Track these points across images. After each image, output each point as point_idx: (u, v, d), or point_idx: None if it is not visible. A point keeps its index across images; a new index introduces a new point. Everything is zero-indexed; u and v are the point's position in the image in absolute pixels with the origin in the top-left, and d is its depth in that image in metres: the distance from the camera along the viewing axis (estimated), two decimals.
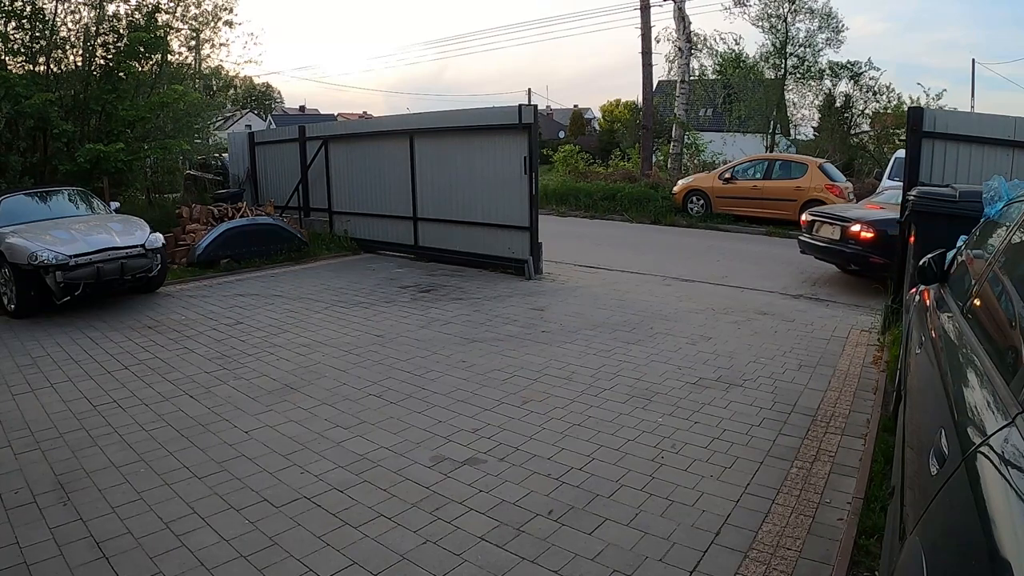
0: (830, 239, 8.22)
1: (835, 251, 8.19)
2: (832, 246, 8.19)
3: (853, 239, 7.86)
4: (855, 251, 7.86)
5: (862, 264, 7.96)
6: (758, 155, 16.70)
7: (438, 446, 3.78)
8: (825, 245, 8.30)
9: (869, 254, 7.72)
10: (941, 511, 1.37)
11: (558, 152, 22.79)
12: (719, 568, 2.66)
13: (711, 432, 3.92)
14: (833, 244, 8.18)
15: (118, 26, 11.19)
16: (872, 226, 7.70)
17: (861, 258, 7.84)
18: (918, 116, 6.49)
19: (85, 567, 2.69)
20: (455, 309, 6.94)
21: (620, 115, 37.32)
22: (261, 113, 53.34)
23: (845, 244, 7.98)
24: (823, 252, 8.44)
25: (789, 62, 21.55)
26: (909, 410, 2.37)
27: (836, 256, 8.31)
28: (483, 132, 8.96)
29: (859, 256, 7.85)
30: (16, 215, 7.48)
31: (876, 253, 7.64)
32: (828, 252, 8.36)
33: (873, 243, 7.65)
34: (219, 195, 11.85)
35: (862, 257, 7.81)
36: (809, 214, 8.88)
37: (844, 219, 8.05)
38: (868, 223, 7.76)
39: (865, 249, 7.76)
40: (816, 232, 8.56)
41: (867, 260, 7.77)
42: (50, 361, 5.39)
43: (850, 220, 7.96)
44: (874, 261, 7.68)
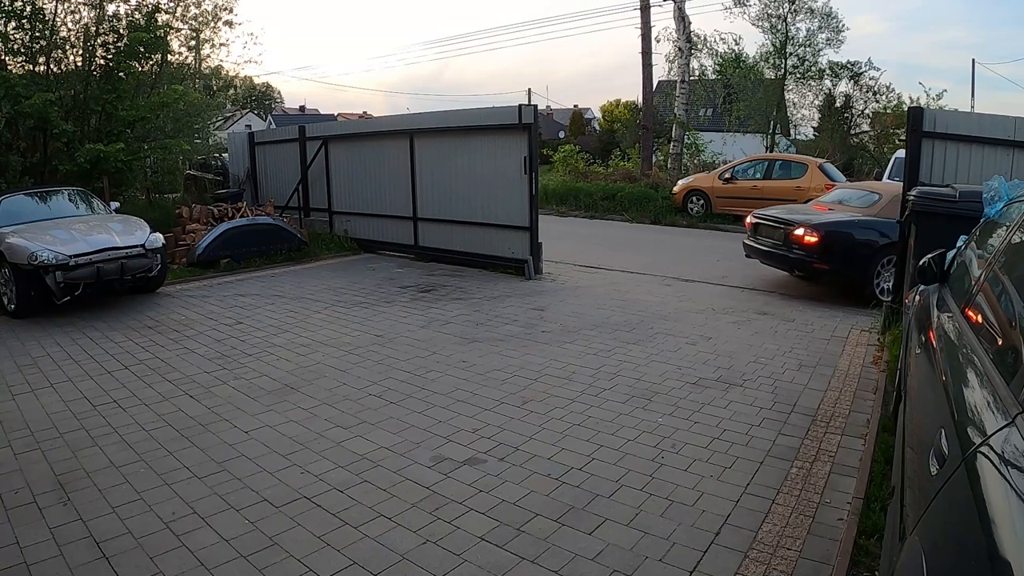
0: (773, 243, 7.77)
1: (779, 256, 7.71)
2: (775, 251, 7.72)
3: (796, 243, 7.37)
4: (799, 256, 7.37)
5: (806, 270, 7.56)
6: (758, 155, 16.70)
7: (438, 446, 3.78)
8: (768, 250, 7.84)
9: (813, 259, 7.28)
10: (941, 511, 1.37)
11: (558, 152, 22.78)
12: (719, 568, 2.66)
13: (711, 432, 3.92)
14: (776, 248, 7.71)
15: (118, 26, 11.20)
16: (816, 229, 7.22)
17: (804, 264, 7.39)
18: (918, 116, 6.48)
19: (85, 567, 2.69)
20: (455, 309, 6.94)
21: (620, 115, 37.29)
22: (261, 113, 53.36)
23: (788, 249, 7.50)
24: (767, 257, 7.97)
25: (789, 62, 21.54)
26: (909, 410, 2.37)
27: (780, 261, 7.81)
28: (483, 132, 8.96)
29: (802, 262, 7.39)
30: (16, 215, 7.48)
31: (820, 258, 7.23)
32: (772, 257, 7.87)
33: (817, 247, 7.20)
34: (219, 195, 11.85)
35: (805, 263, 7.36)
36: (753, 216, 8.37)
37: (787, 222, 7.60)
38: (812, 226, 7.28)
39: (809, 254, 7.28)
40: (760, 235, 8.12)
41: (811, 266, 7.35)
42: (50, 361, 5.39)
43: (793, 223, 7.49)
44: (818, 267, 7.31)
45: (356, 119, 28.96)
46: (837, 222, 7.45)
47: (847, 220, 7.47)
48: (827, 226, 7.29)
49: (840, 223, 7.43)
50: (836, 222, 7.45)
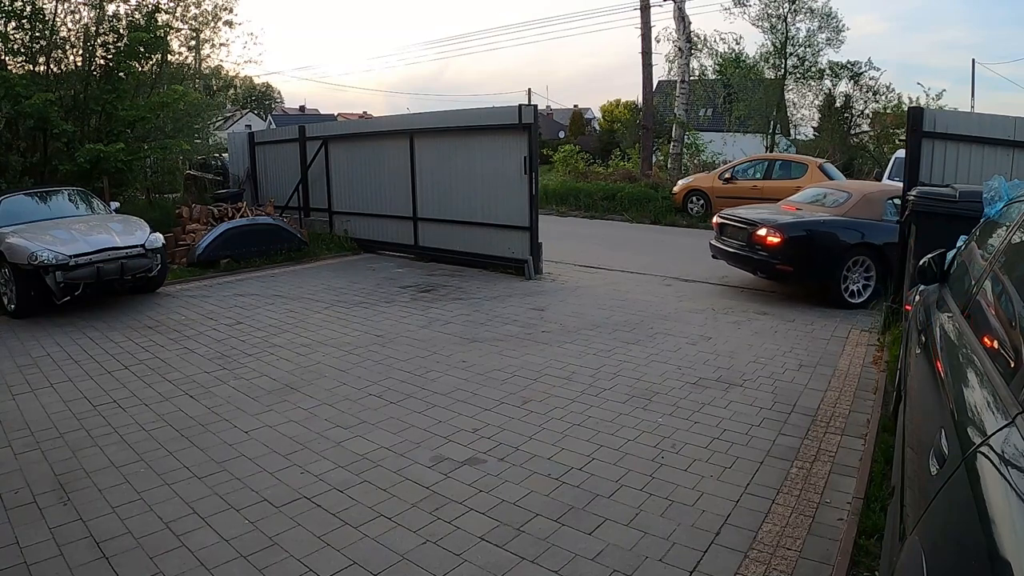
0: (738, 244, 7.55)
1: (742, 257, 7.49)
2: (739, 252, 7.51)
3: (760, 244, 7.16)
4: (762, 258, 7.17)
5: (769, 272, 7.33)
6: (758, 155, 16.70)
7: (438, 446, 3.78)
8: (733, 251, 7.62)
9: (775, 261, 7.06)
10: (941, 511, 1.37)
11: (558, 152, 22.78)
12: (719, 568, 2.66)
13: (711, 432, 3.92)
14: (740, 250, 7.49)
15: (118, 26, 11.20)
16: (779, 230, 7.01)
17: (767, 265, 7.18)
18: (918, 116, 6.48)
19: (85, 567, 2.69)
20: (455, 309, 6.94)
21: (620, 115, 37.30)
22: (261, 113, 53.35)
23: (752, 250, 7.29)
24: (733, 258, 7.73)
25: (789, 62, 21.54)
26: (909, 410, 2.37)
27: (744, 263, 7.59)
28: (483, 132, 8.96)
29: (765, 263, 7.18)
30: (16, 215, 7.48)
31: (784, 260, 7.01)
32: (737, 259, 7.64)
33: (780, 249, 6.99)
34: (219, 195, 11.86)
35: (768, 264, 7.15)
36: (719, 216, 8.18)
37: (751, 222, 7.38)
38: (775, 227, 7.07)
39: (772, 255, 7.07)
40: (725, 236, 7.90)
41: (774, 268, 7.13)
42: (50, 361, 5.39)
43: (756, 223, 7.27)
44: (780, 268, 7.08)
45: (356, 119, 28.96)
46: (801, 222, 7.24)
47: (812, 220, 7.29)
48: (791, 226, 7.09)
49: (804, 223, 7.24)
50: (800, 222, 7.24)
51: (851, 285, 7.05)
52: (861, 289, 7.10)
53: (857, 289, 7.09)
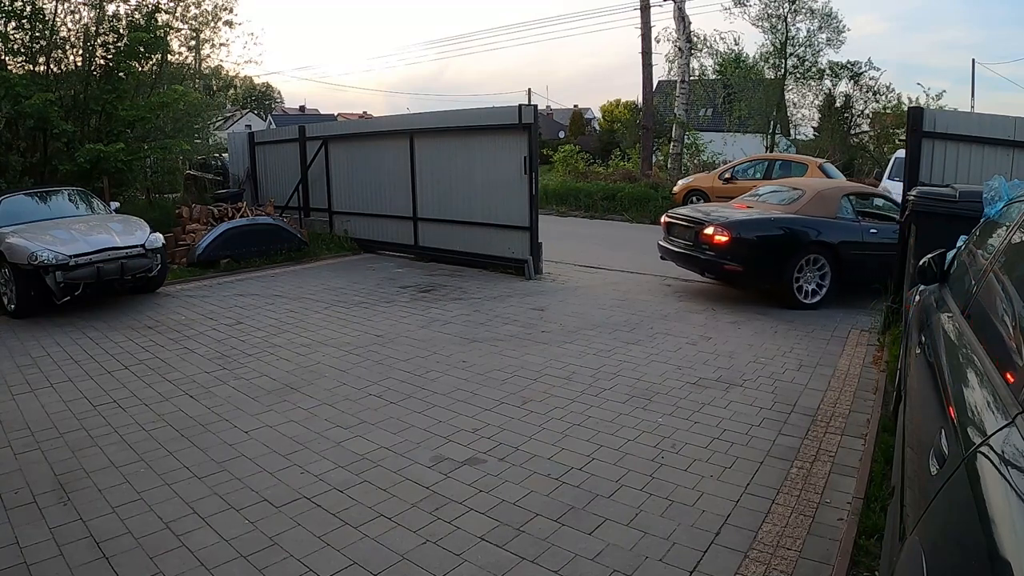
0: (685, 244, 7.29)
1: (690, 258, 7.21)
2: (687, 252, 7.23)
3: (707, 244, 6.89)
4: (709, 258, 6.91)
5: (717, 273, 7.10)
6: (758, 155, 16.72)
7: (438, 446, 3.78)
8: (681, 251, 7.35)
9: (722, 261, 6.82)
10: (941, 511, 1.37)
11: (558, 152, 22.78)
12: (719, 568, 2.66)
13: (711, 432, 3.92)
14: (687, 250, 7.22)
15: (118, 26, 11.20)
16: (727, 228, 6.77)
17: (715, 266, 6.95)
18: (918, 116, 6.48)
19: (85, 567, 2.69)
20: (455, 309, 6.94)
21: (620, 115, 37.31)
22: (261, 113, 53.36)
23: (699, 249, 7.01)
24: (680, 259, 7.45)
25: (789, 62, 21.56)
26: (909, 410, 2.37)
27: (691, 263, 7.31)
28: (483, 132, 8.96)
29: (713, 263, 6.94)
30: (16, 215, 7.49)
31: (732, 259, 6.78)
32: (684, 259, 7.36)
33: (728, 248, 6.74)
34: (219, 195, 11.86)
35: (716, 264, 6.91)
36: (667, 215, 7.93)
37: (697, 220, 7.11)
38: (722, 225, 6.82)
39: (720, 255, 6.82)
40: (673, 236, 7.63)
41: (722, 268, 6.91)
42: (50, 361, 5.39)
43: (703, 222, 7.01)
44: (728, 269, 6.87)
45: (356, 119, 28.96)
46: (750, 220, 7.02)
47: (761, 218, 7.08)
48: (739, 225, 6.85)
49: (753, 221, 7.02)
50: (749, 220, 7.02)
51: (804, 285, 6.89)
52: (815, 289, 6.92)
53: (811, 289, 6.92)
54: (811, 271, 6.90)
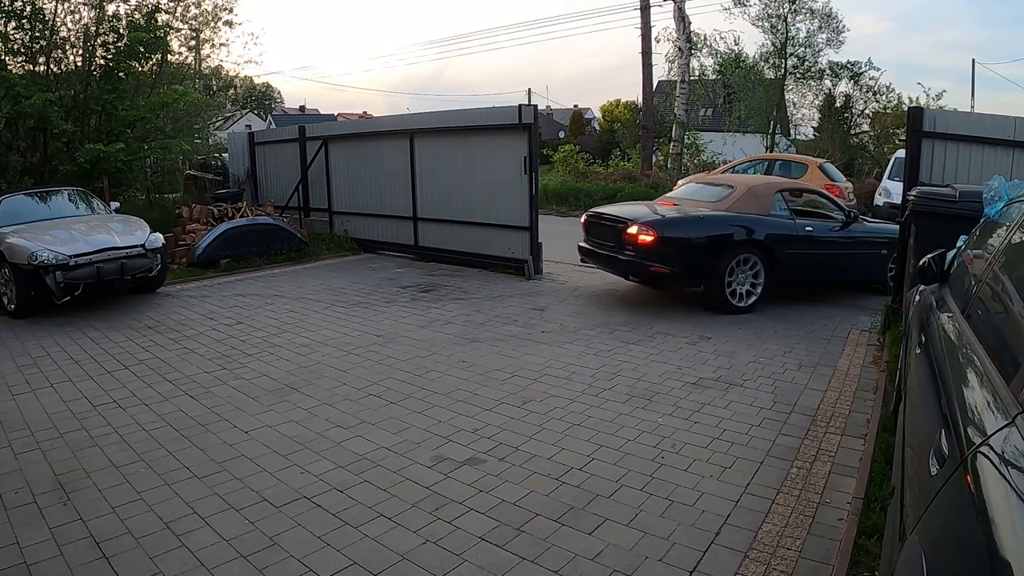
0: (607, 244, 6.86)
1: (611, 259, 6.78)
2: (608, 253, 6.80)
3: (630, 244, 6.42)
4: (631, 259, 6.48)
5: (642, 275, 6.70)
6: (758, 155, 16.70)
7: (438, 446, 3.78)
8: (602, 252, 6.91)
9: (648, 262, 6.38)
10: (941, 511, 1.37)
11: (558, 152, 22.78)
12: (719, 568, 2.66)
13: (711, 432, 3.92)
14: (609, 251, 6.78)
15: (118, 26, 11.20)
16: (651, 227, 6.33)
17: (639, 267, 6.52)
18: (918, 116, 6.49)
19: (85, 567, 2.69)
20: (455, 309, 6.94)
21: (620, 115, 37.30)
22: (261, 113, 53.36)
23: (620, 250, 6.57)
24: (602, 261, 7.01)
25: (789, 62, 21.55)
26: (909, 410, 2.37)
27: (614, 265, 6.89)
28: (483, 132, 8.96)
29: (637, 265, 6.49)
30: (16, 215, 7.49)
31: (657, 260, 6.36)
32: (606, 261, 6.93)
33: (653, 248, 6.31)
34: (219, 195, 11.86)
35: (640, 266, 6.48)
36: (587, 213, 7.45)
37: (620, 219, 6.66)
38: (646, 224, 6.39)
39: (644, 256, 6.37)
40: (593, 236, 7.18)
41: (647, 269, 6.48)
42: (50, 361, 5.39)
43: (627, 220, 6.56)
44: (655, 271, 6.45)
45: (356, 119, 28.96)
46: (677, 219, 6.67)
47: (689, 216, 6.75)
48: (665, 223, 6.46)
49: (681, 220, 6.68)
50: (676, 219, 6.67)
51: (736, 287, 6.59)
52: (749, 290, 6.64)
53: (743, 291, 6.62)
54: (743, 272, 6.59)
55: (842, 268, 7.26)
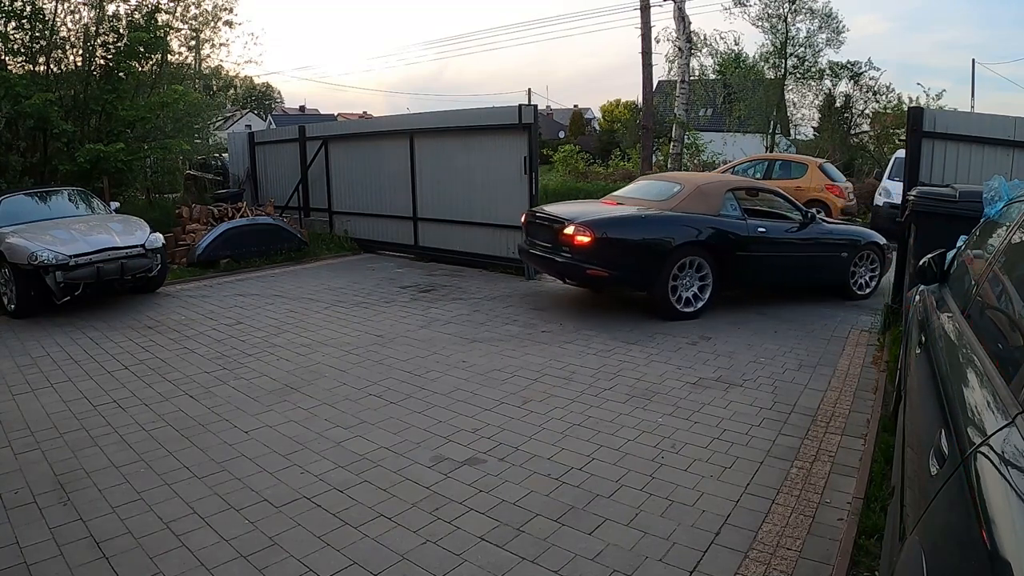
0: (544, 245, 6.52)
1: (548, 260, 6.43)
2: (545, 254, 6.45)
3: (566, 245, 6.08)
4: (567, 260, 6.13)
5: (579, 278, 6.34)
6: (758, 155, 16.71)
7: (438, 446, 3.78)
8: (540, 254, 6.56)
9: (585, 264, 6.04)
10: (941, 511, 1.37)
11: (558, 152, 22.81)
12: (719, 568, 2.66)
13: (711, 432, 3.92)
14: (546, 252, 6.44)
15: (118, 26, 11.21)
16: (589, 228, 5.97)
17: (576, 270, 6.16)
18: (918, 116, 6.49)
19: (85, 567, 2.69)
20: (455, 309, 6.94)
21: (620, 115, 37.32)
22: (261, 113, 53.34)
23: (558, 251, 6.23)
24: (540, 262, 6.66)
25: (789, 62, 21.56)
26: (909, 410, 2.37)
27: (550, 267, 6.53)
28: (483, 132, 8.96)
29: (574, 267, 6.14)
30: (16, 215, 7.49)
31: (596, 263, 6.01)
32: (544, 262, 6.58)
33: (590, 249, 5.96)
34: (219, 195, 11.87)
35: (577, 268, 6.13)
36: (527, 214, 7.06)
37: (557, 219, 6.31)
38: (583, 224, 6.03)
39: (582, 258, 6.03)
40: (531, 236, 6.84)
41: (584, 272, 6.13)
42: (50, 361, 5.39)
43: (564, 220, 6.20)
44: (591, 274, 6.08)
45: (356, 119, 28.96)
46: (617, 218, 6.29)
47: (631, 216, 6.37)
48: (603, 223, 6.09)
49: (621, 219, 6.30)
50: (615, 218, 6.28)
51: (682, 291, 6.28)
52: (696, 295, 6.35)
53: (690, 296, 6.32)
54: (690, 275, 6.28)
55: (799, 271, 6.96)
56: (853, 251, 7.13)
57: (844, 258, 7.09)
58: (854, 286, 7.24)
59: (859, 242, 7.19)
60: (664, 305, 6.24)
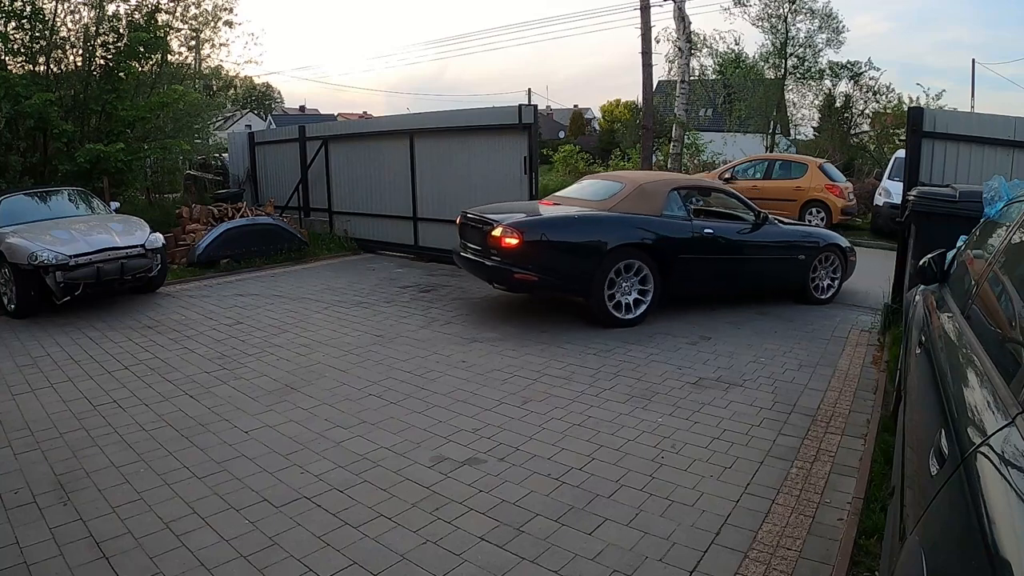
0: (474, 248, 6.22)
1: (478, 264, 6.08)
2: (475, 257, 6.15)
3: (495, 247, 5.79)
4: (496, 264, 5.82)
5: (507, 282, 5.94)
6: (758, 155, 16.72)
7: (438, 446, 3.78)
8: (470, 257, 6.25)
9: (514, 268, 5.70)
10: (941, 511, 1.37)
11: (558, 152, 22.81)
12: (719, 568, 2.66)
13: (711, 432, 3.92)
14: (476, 255, 6.14)
15: (118, 26, 11.20)
16: (517, 229, 5.66)
17: (504, 274, 5.81)
18: (918, 116, 6.49)
19: (85, 567, 2.68)
20: (455, 309, 6.94)
21: (620, 115, 37.34)
22: (261, 113, 53.29)
23: (487, 254, 5.92)
24: (471, 266, 6.30)
25: (789, 62, 21.57)
26: (909, 410, 2.37)
27: (480, 271, 6.15)
28: (483, 132, 8.96)
29: (502, 271, 5.80)
30: (16, 215, 7.48)
31: (524, 267, 5.69)
32: (473, 266, 6.23)
33: (519, 252, 5.66)
34: (219, 195, 11.86)
35: (506, 272, 5.78)
36: (460, 216, 6.63)
37: (487, 220, 5.98)
38: (512, 225, 5.71)
39: (507, 261, 5.72)
40: (464, 239, 6.52)
41: (511, 276, 5.78)
42: (50, 361, 5.39)
43: (493, 222, 5.86)
44: (519, 278, 5.74)
45: (356, 119, 28.96)
46: (547, 219, 5.97)
47: (563, 216, 6.06)
48: (531, 225, 5.79)
49: (552, 220, 5.99)
50: (546, 219, 5.96)
51: (620, 297, 5.97)
52: (637, 300, 6.05)
53: (629, 302, 6.01)
54: (629, 280, 5.98)
55: (752, 275, 6.75)
56: (812, 253, 6.89)
57: (802, 261, 6.84)
58: (814, 290, 7.02)
59: (818, 244, 6.96)
60: (600, 312, 5.94)
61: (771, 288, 7.09)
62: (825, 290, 7.14)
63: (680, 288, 6.36)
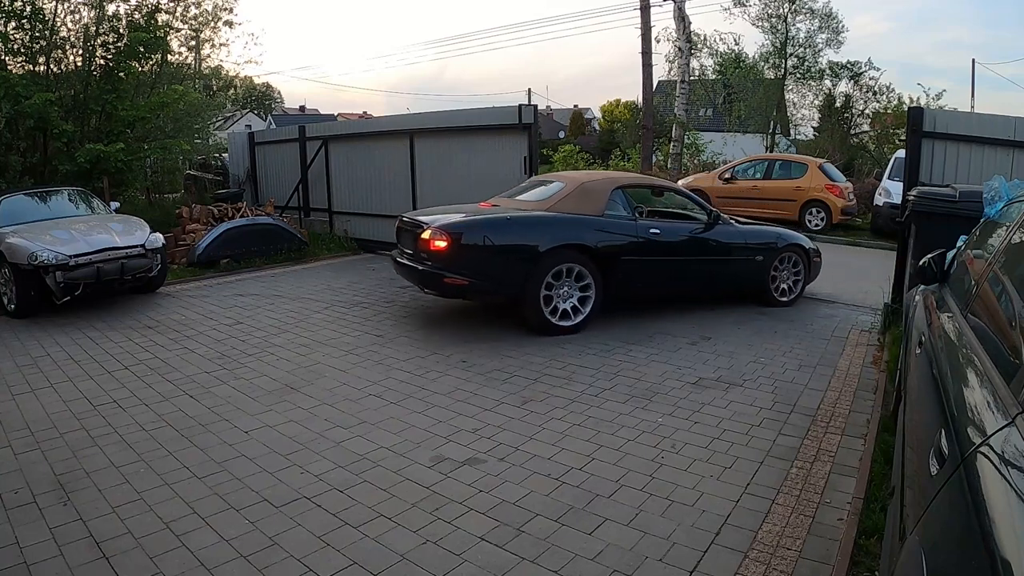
0: (407, 252, 6.03)
1: (411, 269, 5.88)
2: (408, 262, 5.93)
3: (425, 251, 5.58)
4: (428, 268, 5.62)
5: (437, 287, 5.73)
6: (758, 155, 16.73)
7: (438, 446, 3.78)
8: (404, 262, 6.03)
9: (444, 272, 5.51)
10: (941, 511, 1.37)
11: (558, 152, 22.82)
12: (719, 568, 2.66)
13: (711, 432, 3.92)
14: (409, 259, 5.93)
15: (118, 26, 11.21)
16: (447, 231, 5.46)
17: (434, 278, 5.62)
18: (918, 116, 6.49)
19: (85, 567, 2.68)
20: (455, 309, 6.94)
21: (620, 115, 37.37)
22: (261, 113, 53.29)
23: (419, 259, 5.71)
24: (405, 271, 6.10)
25: (789, 62, 21.58)
26: (909, 410, 2.37)
27: (412, 276, 5.98)
28: (483, 132, 8.96)
29: (432, 275, 5.61)
30: (16, 215, 7.48)
31: (455, 270, 5.50)
32: (407, 271, 6.03)
33: (448, 255, 5.46)
34: (219, 195, 11.86)
35: (435, 276, 5.59)
36: (398, 220, 6.45)
37: (419, 223, 5.80)
38: (442, 227, 5.50)
39: (437, 265, 5.52)
40: (401, 244, 6.32)
41: (441, 281, 5.58)
42: (50, 361, 5.39)
43: (424, 224, 5.68)
44: (449, 282, 5.54)
45: (356, 119, 28.96)
46: (477, 221, 5.73)
47: (491, 219, 5.81)
48: (461, 227, 5.56)
49: (482, 222, 5.72)
50: (476, 221, 5.72)
51: (559, 303, 5.76)
52: (576, 306, 5.83)
53: (568, 308, 5.78)
54: (568, 284, 5.76)
55: (704, 278, 6.56)
56: (771, 254, 6.68)
57: (759, 262, 6.64)
58: (775, 292, 6.83)
59: (776, 245, 6.75)
60: (535, 317, 5.69)
61: (727, 290, 6.88)
62: (787, 292, 6.95)
63: (625, 291, 6.12)
